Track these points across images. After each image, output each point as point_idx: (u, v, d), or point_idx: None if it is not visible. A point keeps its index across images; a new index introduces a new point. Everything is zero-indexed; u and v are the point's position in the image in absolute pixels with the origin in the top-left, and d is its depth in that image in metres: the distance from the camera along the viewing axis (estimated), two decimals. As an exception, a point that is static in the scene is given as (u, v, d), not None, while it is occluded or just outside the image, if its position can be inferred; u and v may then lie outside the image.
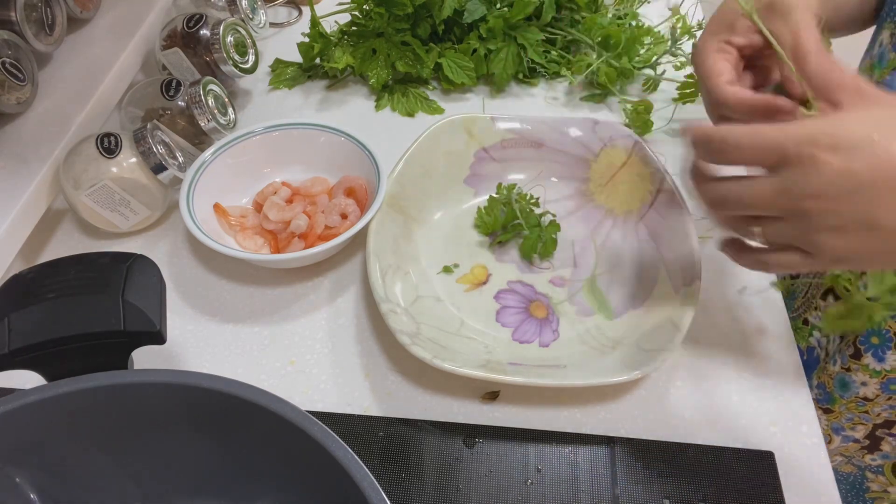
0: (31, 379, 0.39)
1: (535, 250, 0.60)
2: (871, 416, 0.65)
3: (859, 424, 0.67)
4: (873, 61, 0.63)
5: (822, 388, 0.67)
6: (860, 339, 0.62)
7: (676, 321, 0.50)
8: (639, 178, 0.61)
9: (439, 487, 0.46)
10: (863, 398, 0.64)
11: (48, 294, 0.39)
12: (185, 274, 0.60)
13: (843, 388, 0.65)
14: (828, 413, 0.67)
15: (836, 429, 0.67)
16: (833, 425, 0.67)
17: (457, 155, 0.64)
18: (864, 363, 0.62)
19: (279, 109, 0.77)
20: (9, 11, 0.60)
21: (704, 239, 0.61)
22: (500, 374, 0.47)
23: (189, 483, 0.41)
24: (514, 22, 0.75)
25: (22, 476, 0.38)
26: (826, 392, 0.66)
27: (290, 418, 0.35)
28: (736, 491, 0.46)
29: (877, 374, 0.62)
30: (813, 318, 0.69)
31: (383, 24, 0.74)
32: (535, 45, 0.76)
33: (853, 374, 0.63)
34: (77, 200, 0.58)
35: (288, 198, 0.63)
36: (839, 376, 0.65)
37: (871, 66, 0.63)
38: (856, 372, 0.63)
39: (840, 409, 0.65)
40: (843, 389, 0.65)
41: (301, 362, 0.54)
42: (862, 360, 0.62)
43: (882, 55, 0.62)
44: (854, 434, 0.68)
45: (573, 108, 0.76)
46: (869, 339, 0.61)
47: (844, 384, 0.65)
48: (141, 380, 0.37)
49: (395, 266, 0.56)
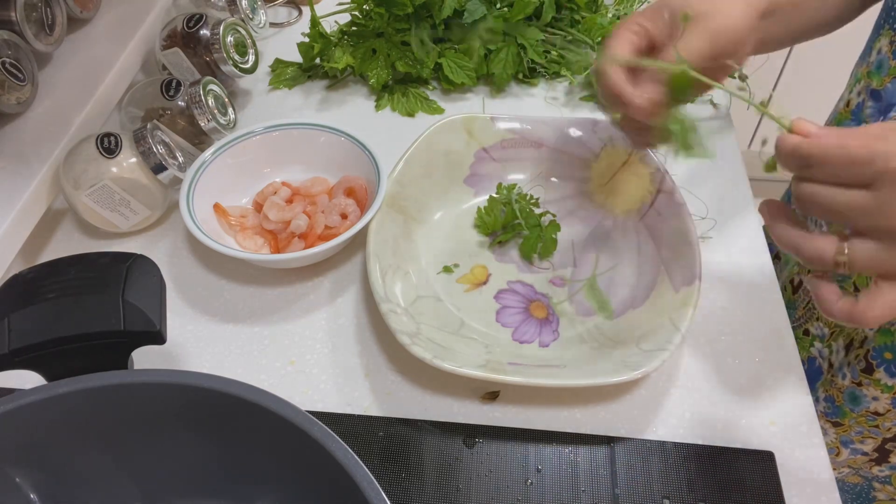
0: (31, 379, 0.39)
1: (534, 250, 0.60)
2: (881, 431, 0.64)
3: (868, 438, 0.66)
4: (870, 68, 0.62)
5: (830, 402, 0.66)
6: (872, 353, 0.61)
7: (676, 321, 0.50)
8: (639, 178, 0.61)
9: (439, 487, 0.46)
10: (873, 413, 0.63)
11: (48, 294, 0.39)
12: (185, 274, 0.60)
13: (853, 402, 0.64)
14: (837, 426, 0.66)
15: (845, 442, 0.67)
16: (842, 438, 0.67)
17: (457, 155, 0.64)
18: (875, 378, 0.61)
19: (279, 109, 0.77)
20: (9, 11, 0.60)
21: (705, 239, 0.61)
22: (500, 374, 0.47)
23: (189, 483, 0.41)
24: (514, 22, 0.75)
25: (22, 476, 0.38)
26: (835, 405, 0.65)
27: (290, 418, 0.35)
28: (736, 491, 0.46)
29: (888, 390, 0.61)
30: (814, 328, 0.69)
31: (383, 24, 0.74)
32: (534, 45, 0.76)
33: (864, 388, 0.62)
34: (77, 200, 0.58)
35: (288, 198, 0.63)
36: (849, 390, 0.64)
37: (868, 73, 0.62)
38: (867, 387, 0.62)
39: (850, 423, 0.65)
40: (853, 403, 0.64)
41: (301, 362, 0.54)
42: (874, 374, 0.61)
43: (881, 63, 0.61)
44: (863, 447, 0.67)
45: (573, 108, 0.76)
46: (882, 355, 0.60)
47: (855, 398, 0.64)
48: (141, 380, 0.37)
49: (395, 266, 0.56)
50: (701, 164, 0.69)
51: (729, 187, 0.67)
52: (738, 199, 0.66)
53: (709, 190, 0.66)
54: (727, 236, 0.62)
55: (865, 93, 0.66)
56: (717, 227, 0.63)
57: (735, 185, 0.67)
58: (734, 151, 0.71)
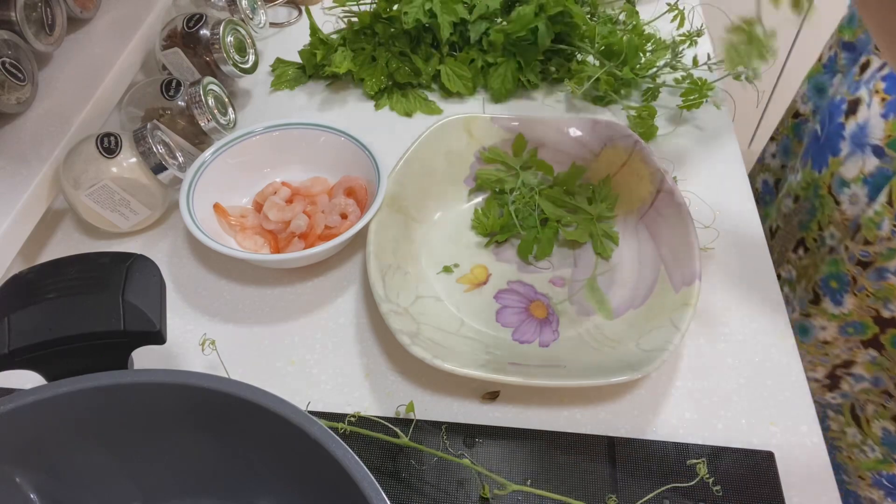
0: (31, 379, 0.39)
1: (531, 251, 0.60)
2: (829, 358, 0.67)
3: (819, 366, 0.69)
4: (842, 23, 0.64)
5: None
6: (819, 284, 0.63)
7: (676, 321, 0.50)
8: (639, 178, 0.61)
9: (439, 487, 0.46)
10: (822, 342, 0.66)
11: (48, 294, 0.39)
12: (185, 274, 0.60)
13: (803, 333, 0.67)
14: None
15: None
16: None
17: (457, 155, 0.64)
18: (822, 308, 0.64)
19: (279, 109, 0.77)
20: (9, 11, 0.60)
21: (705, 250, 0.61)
22: (500, 374, 0.47)
23: (189, 483, 0.41)
24: (514, 38, 0.74)
25: (22, 476, 0.38)
26: None
27: (290, 418, 0.35)
28: (736, 491, 0.46)
29: (835, 318, 0.63)
30: (784, 272, 0.72)
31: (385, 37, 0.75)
32: (532, 64, 0.76)
33: (812, 318, 0.65)
34: (77, 200, 0.58)
35: (288, 198, 0.63)
36: (798, 322, 0.67)
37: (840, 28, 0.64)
38: (815, 317, 0.65)
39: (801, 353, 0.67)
40: (803, 335, 0.67)
41: (301, 362, 0.54)
42: (821, 304, 0.64)
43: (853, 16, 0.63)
44: (815, 374, 0.70)
45: (574, 112, 0.76)
46: (828, 284, 0.62)
47: (804, 329, 0.67)
48: (141, 380, 0.37)
49: (395, 266, 0.56)
50: (701, 164, 0.69)
51: (729, 187, 0.67)
52: (738, 198, 0.66)
53: (709, 190, 0.66)
54: (727, 236, 0.62)
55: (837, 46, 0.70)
56: (716, 224, 0.62)
57: (735, 185, 0.67)
58: (734, 151, 0.71)
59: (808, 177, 0.71)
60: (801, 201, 0.73)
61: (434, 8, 0.72)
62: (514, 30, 0.74)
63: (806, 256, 0.70)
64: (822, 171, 0.68)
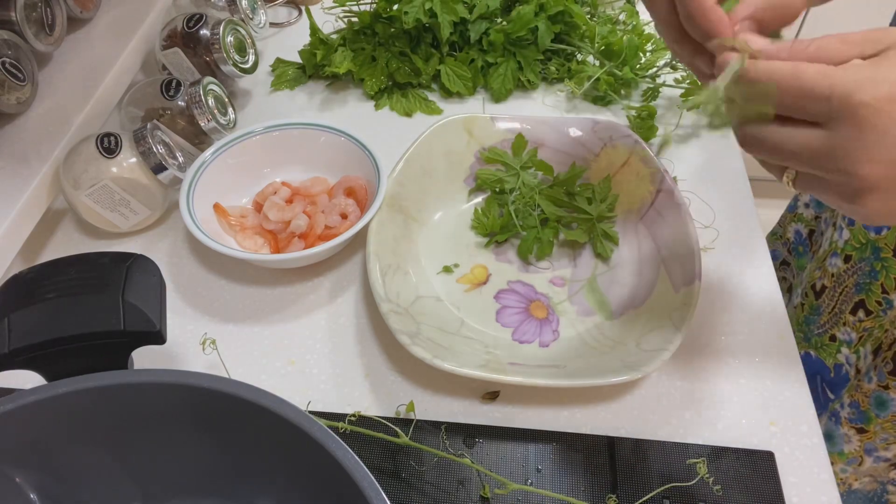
0: (31, 379, 0.39)
1: (531, 251, 0.60)
2: None
3: (894, 444, 0.63)
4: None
5: (855, 407, 0.64)
6: None
7: (676, 321, 0.50)
8: (639, 178, 0.61)
9: (439, 487, 0.46)
10: None
11: (48, 294, 0.39)
12: (185, 274, 0.60)
13: (879, 406, 0.62)
14: (861, 433, 0.64)
15: (869, 449, 0.65)
16: (866, 446, 0.65)
17: (457, 155, 0.64)
18: None
19: (279, 109, 0.77)
20: (9, 11, 0.60)
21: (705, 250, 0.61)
22: (500, 374, 0.47)
23: (189, 483, 0.41)
24: (514, 38, 0.74)
25: (22, 476, 0.38)
26: (860, 411, 0.64)
27: (290, 418, 0.35)
28: (736, 491, 0.46)
29: None
30: (841, 333, 0.66)
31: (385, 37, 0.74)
32: (532, 64, 0.76)
33: (891, 391, 0.60)
34: (77, 200, 0.58)
35: (288, 198, 0.63)
36: (875, 394, 0.62)
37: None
38: (894, 389, 0.60)
39: (875, 429, 0.63)
40: (880, 408, 0.62)
41: (301, 362, 0.54)
42: None
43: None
44: (886, 454, 0.64)
45: (575, 112, 0.76)
46: None
47: (882, 402, 0.62)
48: (141, 380, 0.37)
49: (395, 266, 0.56)
50: (700, 164, 0.69)
51: (729, 187, 0.67)
52: (738, 198, 0.66)
53: (708, 189, 0.66)
54: (727, 235, 0.62)
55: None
56: (715, 224, 0.62)
57: (735, 185, 0.67)
58: (735, 151, 0.71)
59: (862, 237, 0.64)
60: (856, 262, 0.65)
61: (434, 8, 0.73)
62: (514, 30, 0.74)
63: (868, 319, 0.64)
64: (881, 232, 0.62)
